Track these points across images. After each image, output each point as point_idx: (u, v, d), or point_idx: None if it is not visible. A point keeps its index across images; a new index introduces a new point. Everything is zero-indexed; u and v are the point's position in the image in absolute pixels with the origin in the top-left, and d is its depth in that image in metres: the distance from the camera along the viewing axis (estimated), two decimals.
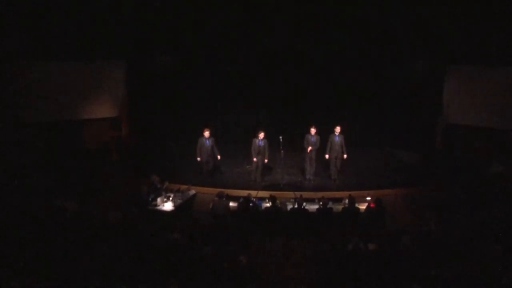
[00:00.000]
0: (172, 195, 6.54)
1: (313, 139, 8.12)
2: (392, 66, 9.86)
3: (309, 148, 8.11)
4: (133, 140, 10.02)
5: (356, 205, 6.27)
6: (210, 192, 7.53)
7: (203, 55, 10.22)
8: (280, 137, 7.92)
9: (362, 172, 8.94)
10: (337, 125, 8.17)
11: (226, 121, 11.17)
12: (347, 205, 6.25)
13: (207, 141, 7.93)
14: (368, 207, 6.27)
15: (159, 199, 6.33)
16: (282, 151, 7.87)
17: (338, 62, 10.00)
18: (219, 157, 8.10)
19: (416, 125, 10.04)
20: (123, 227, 5.21)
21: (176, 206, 6.35)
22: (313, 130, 8.14)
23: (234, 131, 11.21)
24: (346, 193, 6.87)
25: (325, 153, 8.24)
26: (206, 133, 7.91)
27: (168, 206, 6.30)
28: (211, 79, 10.68)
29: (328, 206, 6.20)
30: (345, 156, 8.20)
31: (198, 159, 8.04)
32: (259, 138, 8.03)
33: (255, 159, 8.12)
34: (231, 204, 6.43)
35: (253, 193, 6.99)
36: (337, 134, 8.12)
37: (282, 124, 10.81)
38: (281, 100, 10.91)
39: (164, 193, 6.65)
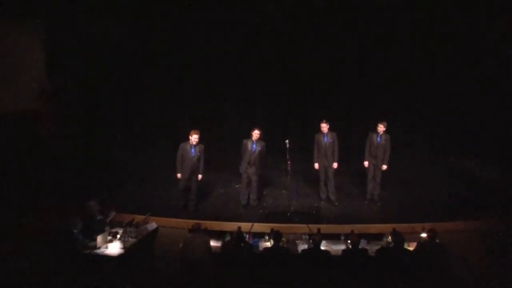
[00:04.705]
0: (120, 231, 6.44)
1: (327, 139, 8.16)
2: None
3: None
4: (59, 145, 9.87)
5: (406, 245, 6.12)
6: (180, 225, 7.55)
7: (172, 19, 10.14)
8: (286, 141, 7.92)
9: (414, 194, 8.92)
10: (380, 121, 8.22)
11: (206, 118, 11.00)
12: (390, 245, 6.12)
13: (193, 149, 7.88)
14: (419, 241, 6.21)
15: (100, 238, 6.15)
16: (289, 162, 7.85)
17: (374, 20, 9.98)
18: (200, 176, 8.01)
19: (496, 123, 10.00)
20: (39, 283, 5.05)
21: (127, 248, 6.21)
22: (324, 126, 8.10)
23: (217, 133, 11.09)
24: (389, 227, 6.82)
25: (363, 160, 8.33)
26: (194, 138, 7.79)
27: (114, 248, 6.17)
28: (183, 55, 10.64)
29: (361, 246, 6.05)
30: (384, 166, 8.23)
31: (178, 175, 7.91)
32: (253, 139, 7.99)
33: (245, 172, 8.04)
34: (212, 243, 6.27)
35: (246, 226, 6.92)
36: (380, 133, 8.19)
37: (290, 121, 10.91)
38: (290, 84, 10.85)
39: (108, 228, 6.54)
